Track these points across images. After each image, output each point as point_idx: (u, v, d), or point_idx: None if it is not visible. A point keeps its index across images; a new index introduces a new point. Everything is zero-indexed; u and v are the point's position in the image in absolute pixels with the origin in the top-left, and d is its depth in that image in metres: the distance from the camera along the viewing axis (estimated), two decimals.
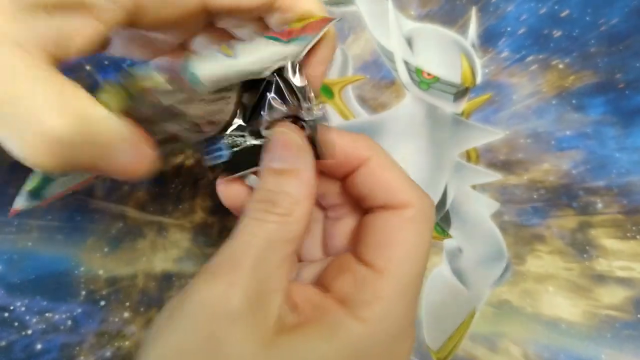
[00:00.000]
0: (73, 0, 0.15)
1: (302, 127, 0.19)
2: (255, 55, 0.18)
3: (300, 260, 0.22)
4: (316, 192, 0.18)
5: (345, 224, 0.20)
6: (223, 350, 0.15)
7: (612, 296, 0.30)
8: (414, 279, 0.17)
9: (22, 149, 0.14)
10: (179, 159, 0.33)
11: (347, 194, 0.20)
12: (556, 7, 0.35)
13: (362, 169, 0.19)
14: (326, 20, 0.19)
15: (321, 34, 0.18)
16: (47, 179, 0.19)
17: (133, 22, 0.17)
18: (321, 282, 0.18)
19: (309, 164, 0.18)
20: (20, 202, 0.20)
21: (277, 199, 0.17)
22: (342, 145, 0.19)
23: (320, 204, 0.22)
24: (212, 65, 0.17)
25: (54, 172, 0.16)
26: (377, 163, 0.18)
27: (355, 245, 0.19)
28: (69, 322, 0.30)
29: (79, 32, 0.15)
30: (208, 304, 0.15)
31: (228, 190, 0.20)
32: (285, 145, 0.18)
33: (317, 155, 0.19)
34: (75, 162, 0.15)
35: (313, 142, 0.18)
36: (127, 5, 0.16)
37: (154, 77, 0.16)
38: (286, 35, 0.18)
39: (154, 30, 0.18)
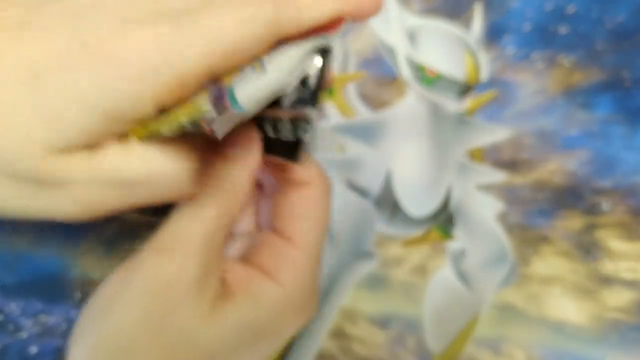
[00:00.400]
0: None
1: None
2: (283, 65, 0.18)
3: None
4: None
5: (265, 204, 0.23)
6: (174, 322, 0.18)
7: (618, 298, 0.30)
8: (318, 246, 0.21)
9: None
10: None
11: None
12: (562, 3, 0.35)
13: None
14: (340, 20, 0.19)
15: (338, 32, 0.19)
16: None
17: None
18: (246, 256, 0.21)
19: (256, 152, 0.19)
20: None
21: (223, 182, 0.19)
22: None
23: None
24: (247, 85, 0.17)
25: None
26: None
27: (273, 221, 0.21)
28: (64, 325, 0.30)
29: None
30: (161, 279, 0.18)
31: None
32: (237, 131, 0.19)
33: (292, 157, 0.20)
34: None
35: (295, 145, 0.20)
36: None
37: (200, 104, 0.17)
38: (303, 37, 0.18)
39: None
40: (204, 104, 0.17)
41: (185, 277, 0.18)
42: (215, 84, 0.17)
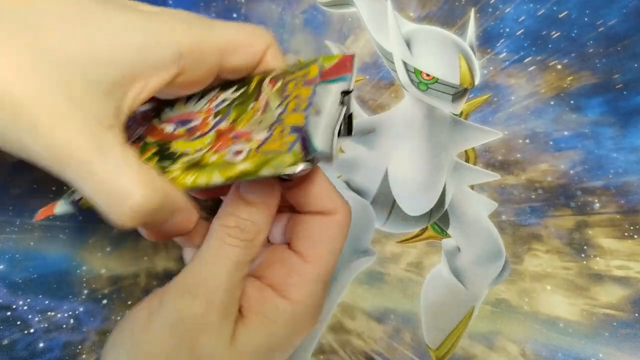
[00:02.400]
0: (130, 76, 0.18)
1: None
2: (328, 105, 0.19)
3: None
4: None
5: (280, 221, 0.23)
6: (199, 356, 0.18)
7: (610, 295, 0.30)
8: (330, 268, 0.21)
9: (113, 216, 0.17)
10: None
11: (284, 198, 0.23)
12: (554, 8, 0.36)
13: (302, 183, 0.22)
14: (350, 58, 0.20)
15: (355, 71, 0.20)
16: None
17: (170, 84, 0.19)
18: (257, 270, 0.22)
19: (276, 199, 0.21)
20: (62, 208, 0.22)
21: (246, 226, 0.20)
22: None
23: None
24: (315, 129, 0.18)
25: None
26: (315, 177, 0.21)
27: (290, 237, 0.22)
28: (71, 321, 0.30)
29: (134, 102, 0.18)
30: (188, 320, 0.18)
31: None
32: (262, 180, 0.20)
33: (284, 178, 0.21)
34: (149, 222, 0.19)
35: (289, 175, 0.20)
36: (173, 73, 0.19)
37: (283, 155, 0.18)
38: (325, 76, 0.20)
39: (180, 89, 0.21)
40: (289, 156, 0.17)
41: (210, 319, 0.18)
42: (299, 132, 0.18)
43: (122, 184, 0.17)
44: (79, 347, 0.30)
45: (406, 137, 0.34)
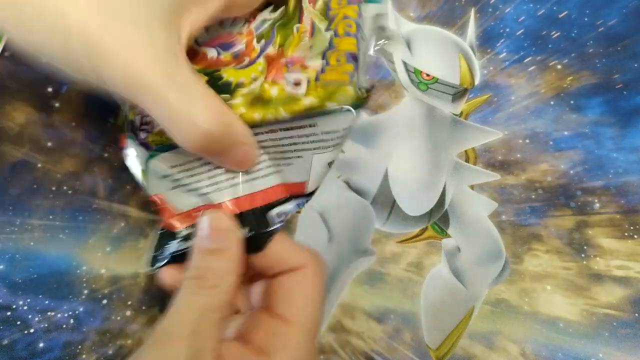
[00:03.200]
0: (188, 2, 0.19)
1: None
2: (367, 31, 0.20)
3: None
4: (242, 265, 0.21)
5: (257, 286, 0.24)
6: None
7: (610, 295, 0.30)
8: (314, 324, 0.21)
9: (181, 140, 0.18)
10: None
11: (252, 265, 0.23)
12: (555, 8, 0.36)
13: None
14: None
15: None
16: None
17: (226, 8, 0.20)
18: (242, 335, 0.22)
19: (234, 243, 0.21)
20: (132, 149, 0.22)
21: (205, 274, 0.20)
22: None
23: None
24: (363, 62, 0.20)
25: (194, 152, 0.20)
26: (277, 240, 0.22)
27: (267, 302, 0.22)
28: (71, 321, 0.30)
29: (193, 28, 0.19)
30: None
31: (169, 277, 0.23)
32: (214, 227, 0.21)
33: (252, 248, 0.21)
34: (213, 150, 0.20)
35: (259, 239, 0.21)
36: None
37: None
38: None
39: (234, 11, 0.21)
40: (351, 89, 0.18)
41: None
42: (355, 60, 0.19)
43: (191, 110, 0.18)
44: (79, 347, 0.30)
45: (406, 137, 0.34)
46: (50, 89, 0.33)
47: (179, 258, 0.22)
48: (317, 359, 0.22)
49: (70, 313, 0.30)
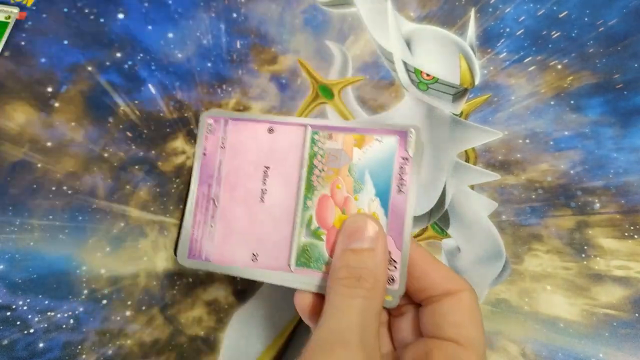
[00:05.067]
0: None
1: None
2: None
3: None
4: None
5: (408, 318, 0.23)
6: None
7: (610, 295, 0.30)
8: (484, 347, 0.21)
9: None
10: (179, 160, 0.33)
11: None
12: (555, 8, 0.36)
13: (414, 270, 0.22)
14: None
15: None
16: None
17: None
18: None
19: (384, 245, 0.20)
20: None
21: (362, 274, 0.20)
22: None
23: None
24: None
25: None
26: (430, 262, 0.22)
27: (434, 329, 0.22)
28: (71, 321, 0.30)
29: None
30: None
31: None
32: (363, 228, 0.21)
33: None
34: None
35: None
36: None
37: None
38: None
39: None
40: None
41: None
42: None
43: None
44: (79, 347, 0.30)
45: None
46: (50, 89, 0.33)
47: None
48: None
49: (70, 313, 0.30)
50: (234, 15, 0.36)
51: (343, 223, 0.21)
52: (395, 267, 0.21)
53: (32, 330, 0.30)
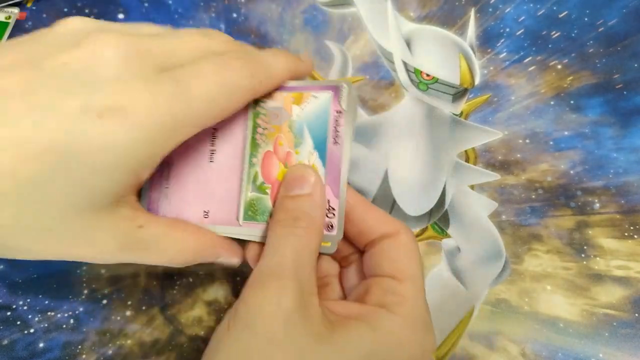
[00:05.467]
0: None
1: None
2: None
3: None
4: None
5: (354, 266, 0.25)
6: (282, 347, 0.17)
7: (610, 295, 0.30)
8: (422, 280, 0.22)
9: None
10: None
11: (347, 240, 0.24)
12: (555, 8, 0.36)
13: (353, 219, 0.23)
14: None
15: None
16: None
17: None
18: (357, 299, 0.22)
19: (321, 190, 0.22)
20: None
21: (298, 215, 0.21)
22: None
23: (334, 258, 0.26)
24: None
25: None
26: (363, 209, 0.23)
27: (373, 269, 0.23)
28: (71, 321, 0.30)
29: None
30: (263, 309, 0.18)
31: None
32: (302, 177, 0.22)
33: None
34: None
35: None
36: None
37: None
38: None
39: None
40: None
41: (285, 307, 0.18)
42: None
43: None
44: (79, 347, 0.30)
45: (406, 137, 0.34)
46: None
47: None
48: (432, 324, 0.22)
49: (70, 313, 0.30)
50: (234, 15, 0.36)
51: (284, 175, 0.22)
52: (333, 214, 0.22)
53: (32, 330, 0.30)
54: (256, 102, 0.24)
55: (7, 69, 0.17)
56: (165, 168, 0.24)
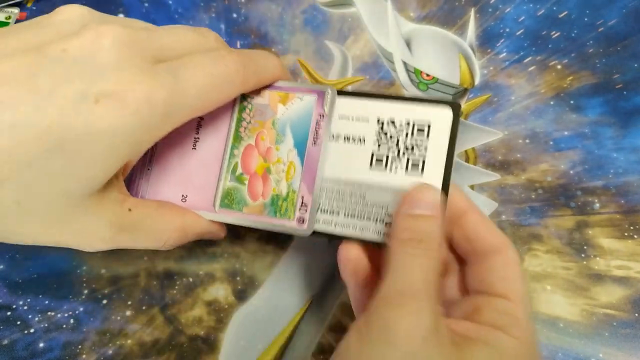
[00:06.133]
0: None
1: None
2: None
3: None
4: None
5: (453, 276, 0.25)
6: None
7: (610, 295, 0.30)
8: (529, 302, 0.22)
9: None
10: None
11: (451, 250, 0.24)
12: (554, 8, 0.36)
13: (463, 225, 0.23)
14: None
15: None
16: None
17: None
18: (467, 317, 0.22)
19: (442, 212, 0.21)
20: None
21: (423, 237, 0.20)
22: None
23: None
24: None
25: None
26: (475, 218, 0.23)
27: (482, 285, 0.23)
28: (71, 321, 0.30)
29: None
30: (402, 326, 0.18)
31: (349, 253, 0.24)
32: (429, 197, 0.21)
33: None
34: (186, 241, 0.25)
35: None
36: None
37: None
38: None
39: None
40: None
41: (423, 326, 0.18)
42: None
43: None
44: (79, 347, 0.30)
45: None
46: None
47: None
48: (539, 349, 0.23)
49: (70, 313, 0.30)
50: (234, 15, 0.36)
51: (409, 190, 0.22)
52: (305, 210, 0.23)
53: (32, 330, 0.30)
54: (244, 96, 0.25)
55: (9, 54, 0.17)
56: (149, 151, 0.25)
